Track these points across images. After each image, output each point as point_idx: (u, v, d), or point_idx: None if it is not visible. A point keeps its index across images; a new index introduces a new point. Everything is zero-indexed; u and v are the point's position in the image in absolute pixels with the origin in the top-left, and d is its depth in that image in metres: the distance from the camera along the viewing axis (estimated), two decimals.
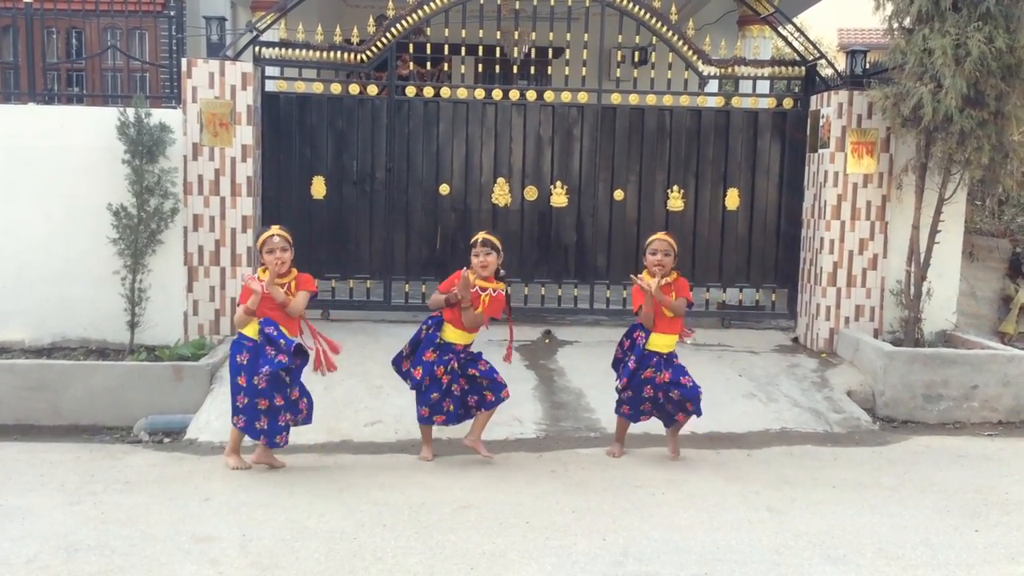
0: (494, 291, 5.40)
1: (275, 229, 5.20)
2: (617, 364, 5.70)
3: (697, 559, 4.08)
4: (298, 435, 5.82)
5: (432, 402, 5.35)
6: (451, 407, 5.39)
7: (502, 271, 5.51)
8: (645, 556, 4.10)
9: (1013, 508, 4.87)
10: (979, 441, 6.38)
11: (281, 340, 5.02)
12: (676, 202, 8.18)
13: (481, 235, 5.45)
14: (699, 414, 5.57)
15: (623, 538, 4.31)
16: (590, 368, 7.12)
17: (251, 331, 5.12)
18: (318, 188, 7.88)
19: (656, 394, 5.48)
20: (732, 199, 8.22)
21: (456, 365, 5.37)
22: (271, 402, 5.07)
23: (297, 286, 5.22)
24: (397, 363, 5.54)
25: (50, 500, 4.71)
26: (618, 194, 8.16)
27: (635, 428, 6.03)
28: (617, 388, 5.61)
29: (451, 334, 5.39)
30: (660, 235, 5.54)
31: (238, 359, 5.11)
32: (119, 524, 4.36)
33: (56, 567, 3.87)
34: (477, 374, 5.42)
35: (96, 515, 4.49)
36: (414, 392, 5.46)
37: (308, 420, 5.34)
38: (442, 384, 5.33)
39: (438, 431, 5.69)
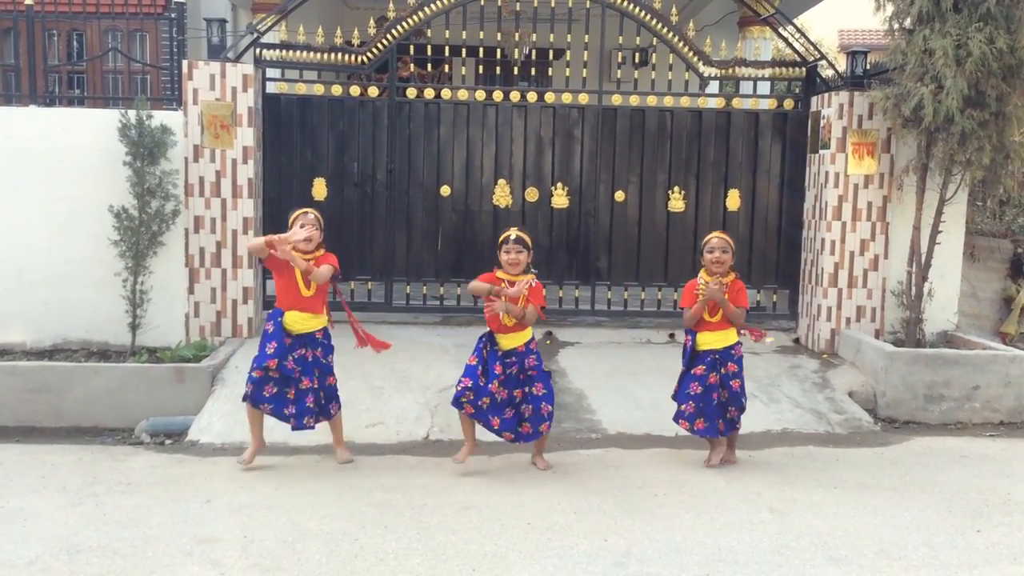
0: (530, 283, 5.19)
1: (310, 209, 5.43)
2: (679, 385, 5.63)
3: (699, 560, 4.08)
4: (299, 436, 5.82)
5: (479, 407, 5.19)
6: (510, 413, 5.24)
7: (533, 270, 5.34)
8: (647, 557, 4.10)
9: (1015, 509, 4.87)
10: (981, 442, 6.37)
11: (268, 343, 5.17)
12: (677, 203, 8.18)
13: (514, 231, 5.27)
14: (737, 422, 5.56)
15: (625, 539, 4.31)
16: (591, 369, 7.12)
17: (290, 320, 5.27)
18: (319, 190, 7.88)
19: (722, 397, 5.44)
20: (733, 200, 8.22)
21: (516, 370, 5.23)
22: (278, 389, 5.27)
23: (318, 262, 5.27)
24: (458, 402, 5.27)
25: (52, 502, 4.71)
26: (619, 195, 8.16)
27: (635, 429, 6.05)
28: (674, 396, 5.61)
29: (505, 341, 5.25)
30: (717, 233, 5.54)
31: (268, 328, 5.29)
32: (121, 526, 4.36)
33: (58, 569, 3.87)
34: (521, 395, 5.25)
35: (98, 517, 4.49)
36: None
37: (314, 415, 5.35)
38: (495, 395, 5.17)
39: (439, 432, 5.70)
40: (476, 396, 5.16)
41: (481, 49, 8.01)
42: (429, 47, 8.08)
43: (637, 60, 8.12)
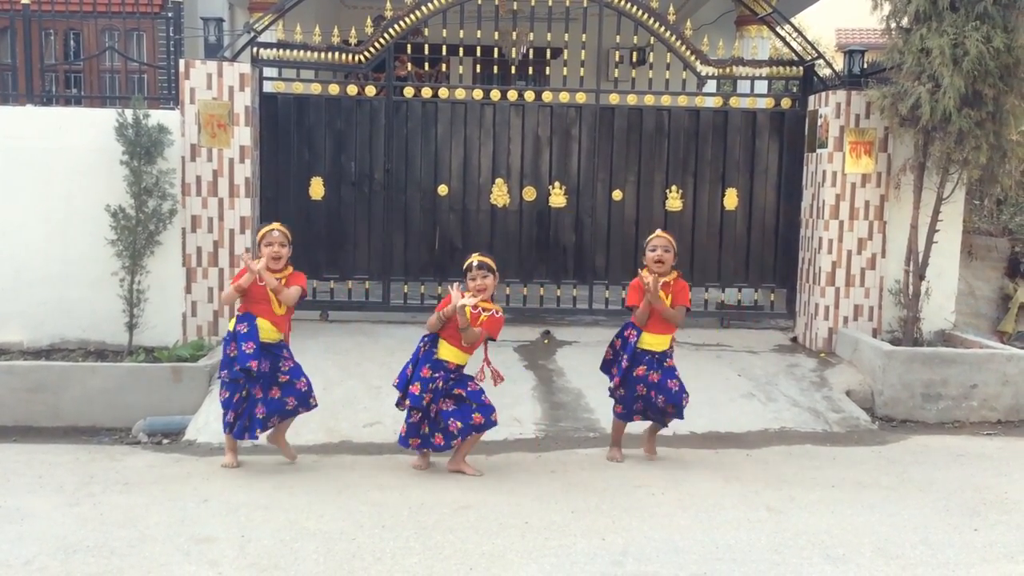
0: (497, 312, 5.19)
1: (276, 225, 5.30)
2: (608, 365, 5.64)
3: (696, 559, 4.08)
4: (297, 436, 5.82)
5: (411, 423, 5.14)
6: (427, 429, 5.16)
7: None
8: (644, 556, 4.10)
9: (1012, 507, 4.87)
10: (978, 440, 6.38)
11: (245, 343, 5.08)
12: (675, 202, 8.18)
13: (475, 258, 5.22)
14: (680, 418, 5.58)
15: (622, 538, 4.30)
16: (589, 368, 7.10)
17: (230, 324, 5.26)
18: (316, 189, 7.88)
19: (648, 393, 5.46)
20: (731, 199, 8.22)
21: (441, 384, 5.12)
22: (235, 396, 5.18)
23: (288, 282, 5.24)
24: (402, 386, 5.25)
25: (49, 501, 4.70)
26: (616, 194, 8.16)
27: (633, 428, 6.02)
28: (610, 388, 5.59)
29: (445, 351, 5.16)
30: (659, 232, 5.53)
31: (228, 351, 5.18)
32: (118, 525, 4.35)
33: (54, 568, 3.86)
34: (464, 394, 5.14)
35: (95, 516, 4.48)
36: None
37: (299, 407, 5.32)
38: (423, 403, 5.10)
39: None
40: (416, 433, 5.18)
41: (479, 48, 8.01)
42: (426, 46, 8.07)
43: (635, 59, 8.14)
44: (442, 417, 5.13)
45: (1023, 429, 6.70)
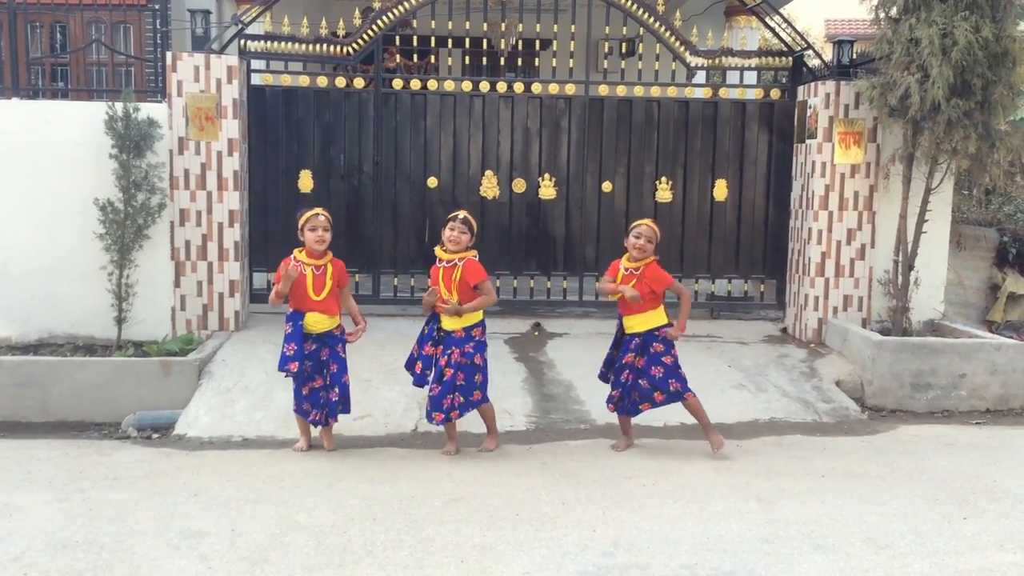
0: (460, 259, 5.32)
1: (319, 209, 5.41)
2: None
3: (687, 549, 4.09)
4: (287, 430, 5.82)
5: (432, 396, 5.33)
6: (456, 400, 5.35)
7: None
8: (635, 547, 4.11)
9: (1001, 495, 4.90)
10: (967, 429, 6.41)
11: (287, 344, 5.28)
12: (664, 193, 8.18)
13: (462, 213, 5.44)
14: (677, 400, 5.59)
15: (613, 529, 4.31)
16: (580, 360, 7.12)
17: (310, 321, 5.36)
18: (305, 182, 7.85)
19: (635, 379, 5.53)
20: (720, 190, 8.23)
21: (457, 357, 5.31)
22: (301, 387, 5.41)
23: (339, 273, 5.43)
24: (410, 367, 5.53)
25: (38, 497, 4.68)
26: (606, 186, 8.16)
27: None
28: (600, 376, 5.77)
29: (446, 321, 5.37)
30: (646, 221, 5.62)
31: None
32: (107, 520, 4.34)
33: (44, 564, 3.85)
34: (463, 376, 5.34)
35: (84, 511, 4.46)
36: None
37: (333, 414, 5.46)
38: (444, 376, 5.30)
39: (427, 424, 5.69)
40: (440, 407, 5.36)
41: (467, 40, 7.98)
42: (415, 38, 8.04)
43: (624, 50, 8.11)
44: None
45: (1012, 418, 6.73)
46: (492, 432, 5.61)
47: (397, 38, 7.98)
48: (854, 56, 7.80)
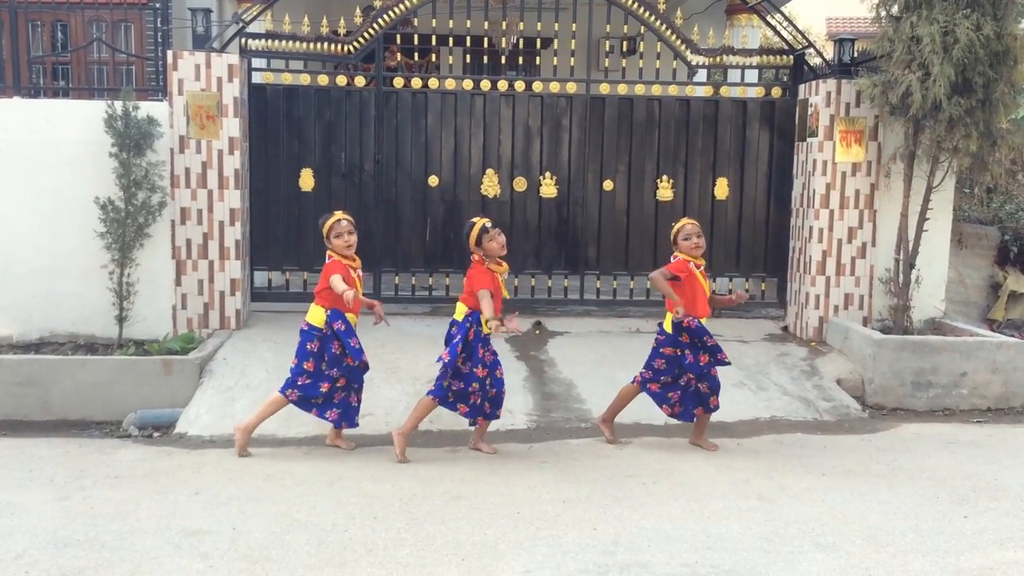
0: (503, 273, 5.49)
1: (340, 214, 5.41)
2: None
3: (688, 548, 4.09)
4: (288, 428, 5.82)
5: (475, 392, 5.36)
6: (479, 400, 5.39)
7: None
8: (636, 545, 4.11)
9: (1001, 494, 4.90)
10: (968, 428, 6.40)
11: (350, 339, 5.31)
12: (665, 192, 8.17)
13: (487, 220, 5.45)
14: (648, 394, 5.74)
15: (614, 527, 4.31)
16: (581, 359, 7.13)
17: (318, 320, 5.32)
18: (306, 180, 7.85)
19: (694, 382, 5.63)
20: (721, 189, 8.22)
21: (491, 358, 5.41)
22: (332, 386, 5.38)
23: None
24: (446, 377, 5.38)
25: (39, 495, 4.69)
26: (607, 184, 8.15)
27: (624, 418, 6.03)
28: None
29: (485, 327, 5.37)
30: (687, 220, 5.73)
31: (308, 346, 5.33)
32: (109, 518, 4.35)
33: (45, 562, 3.85)
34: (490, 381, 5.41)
35: (85, 510, 4.47)
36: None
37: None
38: (485, 382, 5.34)
39: (427, 422, 5.70)
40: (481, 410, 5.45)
41: (468, 38, 7.98)
42: (416, 36, 8.04)
43: (625, 49, 8.11)
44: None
45: (1013, 416, 6.73)
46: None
47: (398, 36, 7.97)
48: (855, 54, 7.79)
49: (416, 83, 7.97)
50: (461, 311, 5.39)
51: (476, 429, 5.53)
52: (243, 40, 7.50)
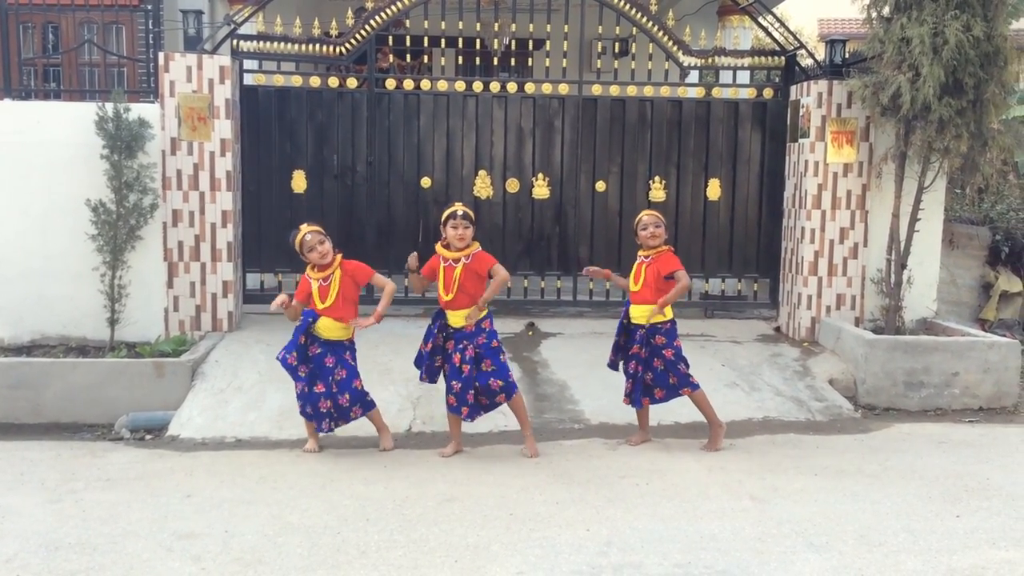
0: (467, 257, 5.32)
1: (304, 228, 5.39)
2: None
3: (681, 548, 4.09)
4: (280, 430, 5.81)
5: (455, 391, 5.35)
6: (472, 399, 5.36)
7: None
8: (629, 546, 4.11)
9: (993, 494, 4.91)
10: (960, 428, 6.42)
11: (299, 336, 5.34)
12: (658, 193, 8.18)
13: (459, 207, 5.40)
14: (666, 399, 5.70)
15: (607, 528, 4.31)
16: (574, 360, 7.13)
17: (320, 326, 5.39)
18: (299, 182, 7.84)
19: (641, 370, 5.57)
20: (713, 189, 8.24)
21: (471, 353, 5.32)
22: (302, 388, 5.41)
23: (350, 276, 5.45)
24: (420, 364, 5.52)
25: (31, 498, 4.67)
26: (600, 185, 8.16)
27: (619, 419, 6.04)
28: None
29: (453, 318, 5.37)
30: (646, 211, 5.75)
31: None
32: (100, 521, 4.33)
33: (36, 566, 3.84)
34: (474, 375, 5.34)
35: (77, 513, 4.45)
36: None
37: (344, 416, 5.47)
38: (462, 372, 5.29)
39: (420, 424, 5.70)
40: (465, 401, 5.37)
41: (461, 40, 7.98)
42: (408, 38, 8.03)
43: (617, 50, 8.13)
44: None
45: (1004, 416, 6.75)
46: (524, 426, 5.58)
47: (390, 38, 7.97)
48: (846, 55, 7.82)
49: (408, 84, 7.97)
50: None
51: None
52: (235, 42, 7.49)
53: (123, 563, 3.87)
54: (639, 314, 5.55)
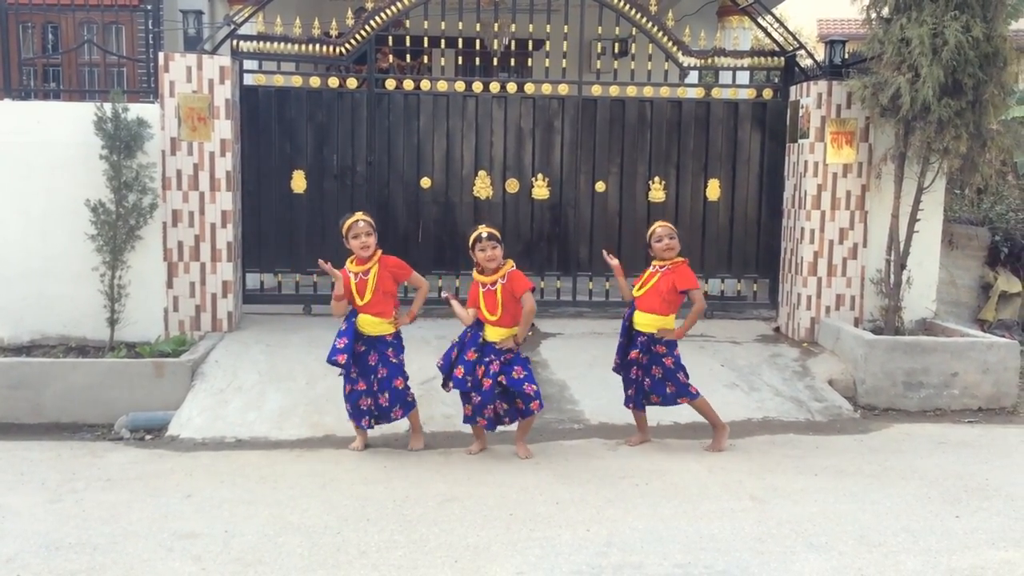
0: (503, 278, 5.31)
1: (359, 215, 5.41)
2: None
3: (681, 548, 4.09)
4: (280, 430, 5.82)
5: (474, 404, 5.34)
6: (491, 413, 5.34)
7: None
8: (629, 546, 4.11)
9: (992, 494, 4.92)
10: (959, 428, 6.43)
11: (339, 339, 5.35)
12: (657, 193, 8.19)
13: (483, 229, 5.34)
14: (662, 405, 5.71)
15: (607, 528, 4.32)
16: (573, 360, 7.13)
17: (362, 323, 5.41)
18: (298, 182, 7.84)
19: (640, 375, 5.58)
20: (713, 190, 8.24)
21: (496, 368, 5.27)
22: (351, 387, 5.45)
23: (390, 271, 5.46)
24: (446, 368, 5.46)
25: (31, 498, 4.67)
26: (599, 186, 8.17)
27: (619, 419, 6.05)
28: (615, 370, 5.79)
29: (492, 333, 5.35)
30: (660, 223, 5.71)
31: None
32: (101, 522, 4.33)
33: (36, 566, 3.84)
34: (504, 382, 5.28)
35: (77, 513, 4.46)
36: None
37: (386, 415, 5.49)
38: (483, 386, 5.27)
39: (423, 422, 5.70)
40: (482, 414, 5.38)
41: (460, 40, 7.98)
42: (408, 38, 8.04)
43: (617, 51, 8.13)
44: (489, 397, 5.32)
45: (1003, 417, 6.75)
46: (525, 431, 5.58)
47: (390, 38, 7.97)
48: (846, 56, 7.82)
49: (408, 85, 7.97)
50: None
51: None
52: (235, 42, 7.49)
53: (123, 563, 3.88)
54: (644, 322, 5.54)
